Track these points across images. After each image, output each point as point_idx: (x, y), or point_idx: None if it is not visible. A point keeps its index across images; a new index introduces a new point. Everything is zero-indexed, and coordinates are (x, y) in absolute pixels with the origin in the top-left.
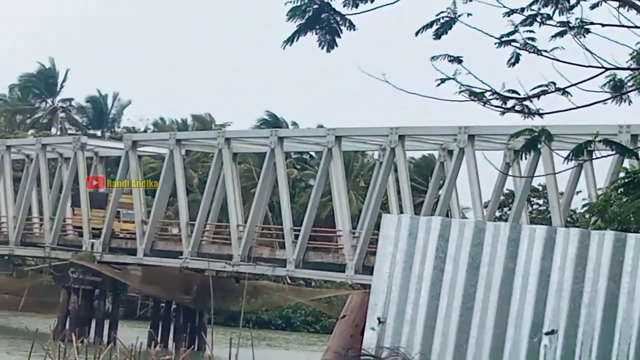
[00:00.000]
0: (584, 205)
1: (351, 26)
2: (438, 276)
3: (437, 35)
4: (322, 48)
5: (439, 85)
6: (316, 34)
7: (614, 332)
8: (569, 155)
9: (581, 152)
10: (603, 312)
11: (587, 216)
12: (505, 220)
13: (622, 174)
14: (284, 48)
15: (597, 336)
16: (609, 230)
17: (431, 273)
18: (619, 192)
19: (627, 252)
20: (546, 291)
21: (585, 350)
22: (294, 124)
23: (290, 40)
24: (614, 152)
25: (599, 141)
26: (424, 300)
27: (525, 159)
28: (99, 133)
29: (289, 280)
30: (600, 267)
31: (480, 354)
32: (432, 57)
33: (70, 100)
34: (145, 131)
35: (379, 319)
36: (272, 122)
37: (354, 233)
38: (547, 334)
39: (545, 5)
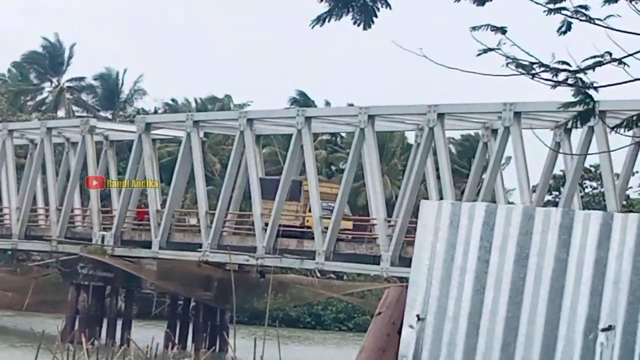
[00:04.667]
0: None
1: (386, 3)
2: (483, 268)
3: (480, 1)
4: (358, 26)
5: (479, 55)
6: (350, 11)
7: None
8: (620, 124)
9: (635, 124)
10: None
11: None
12: (556, 205)
13: None
14: (312, 28)
15: None
16: None
17: (475, 265)
18: None
19: None
20: (602, 283)
21: None
22: (327, 103)
23: (321, 20)
24: None
25: None
26: (467, 295)
27: (576, 128)
28: (109, 115)
29: (318, 274)
30: None
31: (530, 354)
32: (473, 28)
33: (79, 79)
34: (156, 112)
35: (418, 316)
36: (302, 101)
37: (389, 221)
38: (603, 330)
39: None
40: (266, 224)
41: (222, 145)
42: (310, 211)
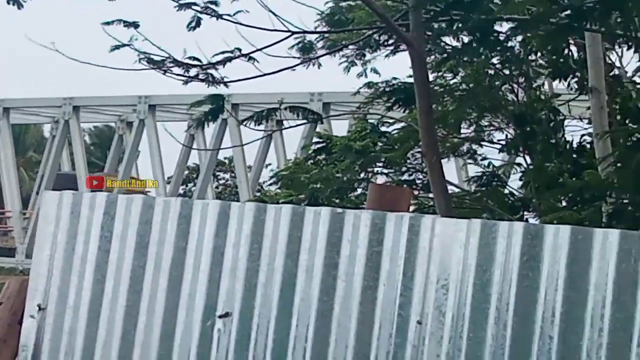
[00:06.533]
0: (271, 177)
1: None
2: (103, 257)
3: None
4: (13, 5)
5: (112, 51)
6: None
7: (291, 313)
8: (250, 117)
9: (264, 119)
10: (280, 291)
11: (272, 188)
12: (190, 197)
13: (315, 139)
14: None
15: (274, 318)
16: (287, 204)
17: (96, 254)
18: (309, 162)
19: (305, 226)
20: (220, 271)
21: (262, 333)
22: None
23: None
24: (303, 122)
25: (285, 108)
26: (88, 284)
27: (208, 125)
28: None
29: None
30: (278, 244)
31: (150, 340)
32: (105, 22)
33: None
34: None
35: (39, 305)
36: None
37: (24, 214)
38: (220, 317)
39: None
40: None
41: None
42: None
